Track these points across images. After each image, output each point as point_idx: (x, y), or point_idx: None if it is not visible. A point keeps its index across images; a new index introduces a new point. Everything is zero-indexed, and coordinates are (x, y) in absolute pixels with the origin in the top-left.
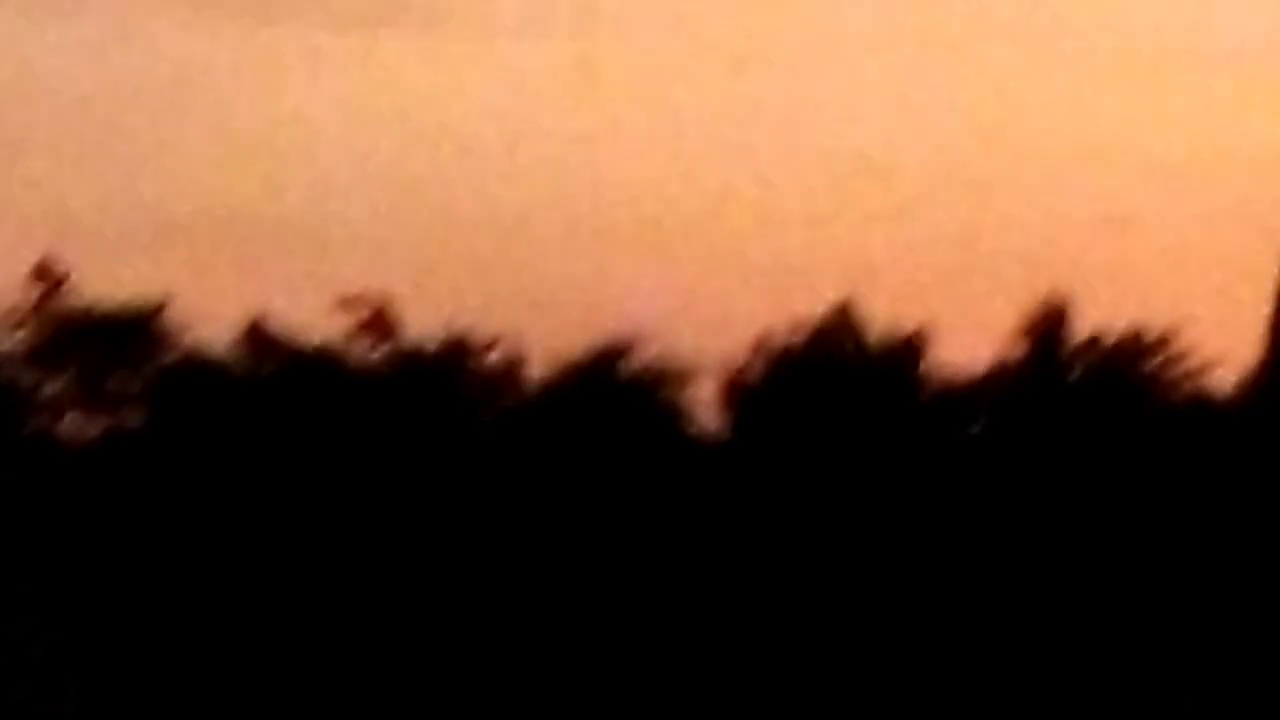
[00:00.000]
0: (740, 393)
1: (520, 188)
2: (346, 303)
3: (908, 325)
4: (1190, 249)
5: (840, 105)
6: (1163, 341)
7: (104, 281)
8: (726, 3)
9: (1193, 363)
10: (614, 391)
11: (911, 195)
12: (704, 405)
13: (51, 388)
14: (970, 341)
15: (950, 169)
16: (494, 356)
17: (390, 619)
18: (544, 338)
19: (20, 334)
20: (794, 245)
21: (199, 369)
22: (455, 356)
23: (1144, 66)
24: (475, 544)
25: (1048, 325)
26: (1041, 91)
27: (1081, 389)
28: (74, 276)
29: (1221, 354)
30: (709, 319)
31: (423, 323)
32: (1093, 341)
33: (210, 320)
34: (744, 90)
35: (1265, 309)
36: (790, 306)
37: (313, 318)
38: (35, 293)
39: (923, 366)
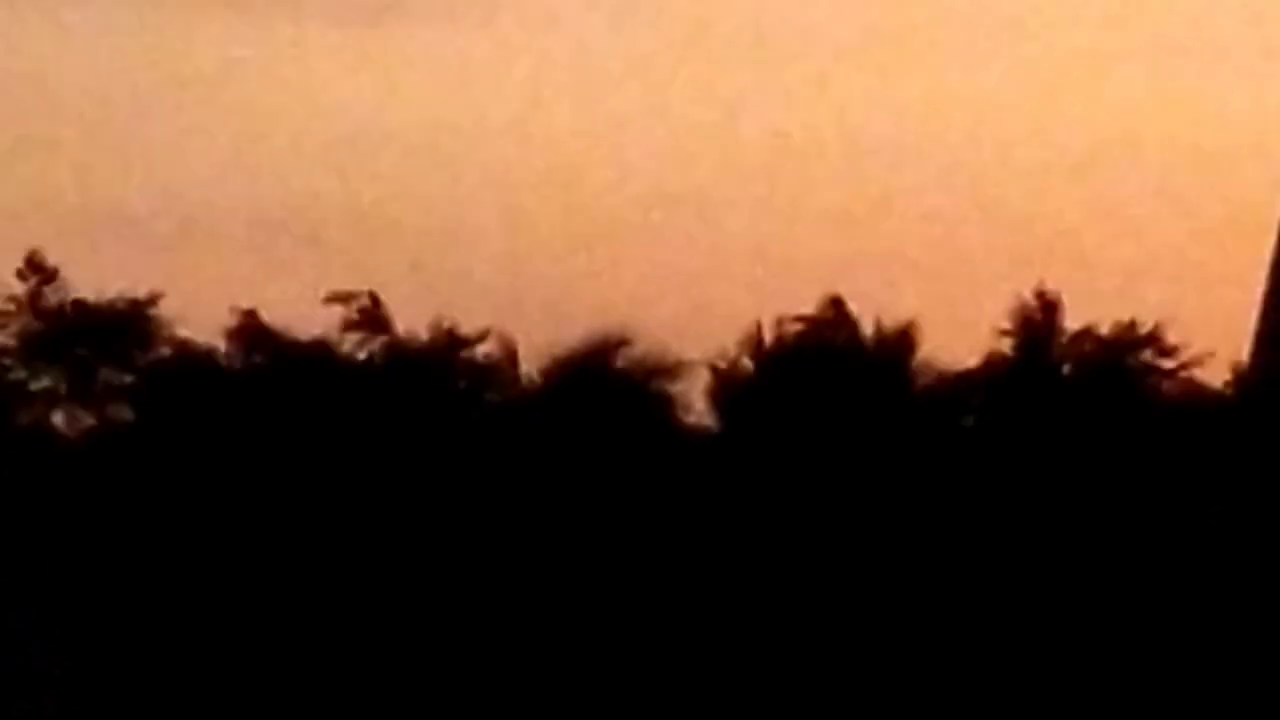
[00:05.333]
0: (732, 386)
1: (511, 182)
2: (337, 297)
3: (899, 319)
4: (1180, 242)
5: (830, 98)
6: (1154, 335)
7: (94, 276)
8: None
9: (1185, 357)
10: (605, 385)
11: (902, 189)
12: (696, 399)
13: (42, 382)
14: (961, 335)
15: (940, 162)
16: (485, 350)
17: (385, 613)
18: (535, 331)
19: (10, 329)
20: (785, 238)
21: (190, 363)
22: (446, 350)
23: (1134, 59)
24: (468, 538)
25: (1039, 318)
26: (1032, 84)
27: (1073, 382)
28: (63, 271)
29: (1213, 348)
30: (701, 312)
31: (414, 317)
32: (1084, 335)
33: (201, 314)
34: (734, 84)
35: (1256, 302)
36: (782, 300)
37: (304, 312)
38: (25, 287)
39: (914, 360)
